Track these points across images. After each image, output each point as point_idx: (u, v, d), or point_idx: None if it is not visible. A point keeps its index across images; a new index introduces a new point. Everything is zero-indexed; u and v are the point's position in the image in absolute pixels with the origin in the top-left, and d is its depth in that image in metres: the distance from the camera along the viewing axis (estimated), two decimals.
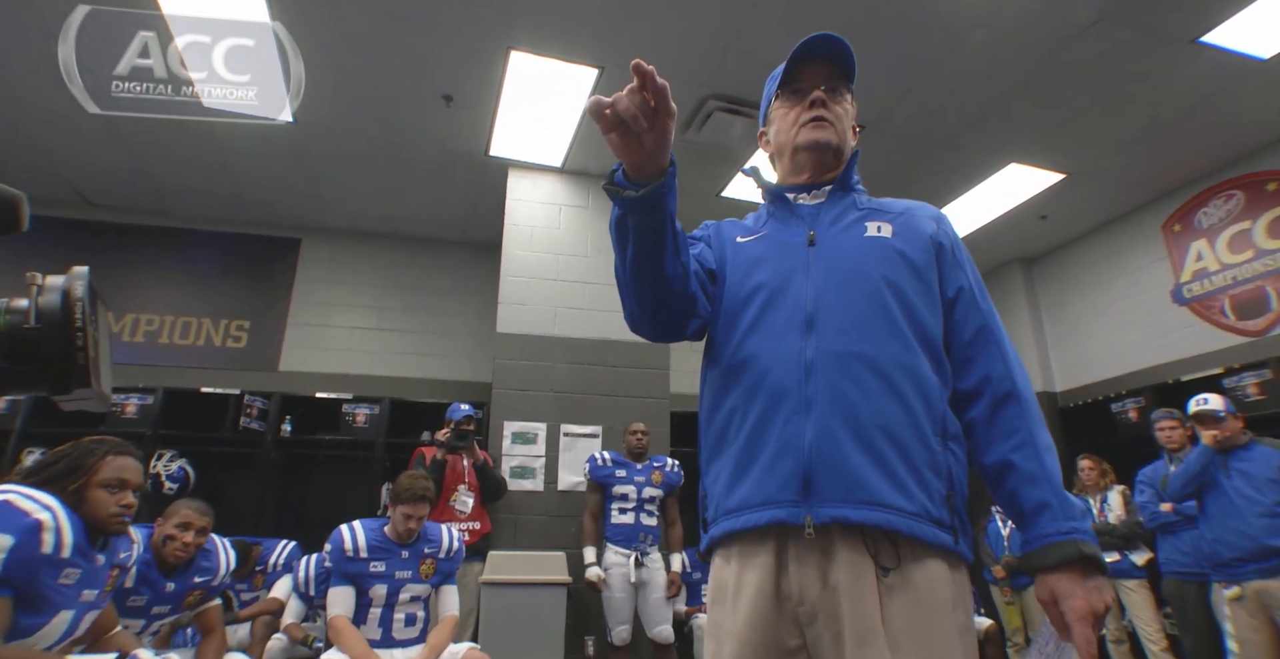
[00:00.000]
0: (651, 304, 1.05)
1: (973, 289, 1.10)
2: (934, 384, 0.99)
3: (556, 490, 4.30)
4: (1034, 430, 0.99)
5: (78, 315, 0.58)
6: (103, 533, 1.83)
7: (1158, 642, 3.84)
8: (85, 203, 5.28)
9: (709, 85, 3.96)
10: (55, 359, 0.56)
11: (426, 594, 2.76)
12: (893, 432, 0.94)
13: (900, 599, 0.89)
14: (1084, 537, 0.91)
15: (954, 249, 1.12)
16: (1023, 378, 1.03)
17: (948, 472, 0.96)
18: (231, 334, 5.35)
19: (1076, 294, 5.79)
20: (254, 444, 4.74)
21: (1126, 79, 3.85)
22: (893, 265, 1.05)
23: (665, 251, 0.99)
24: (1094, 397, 5.36)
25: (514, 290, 4.62)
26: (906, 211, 1.15)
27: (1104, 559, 0.91)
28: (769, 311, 1.06)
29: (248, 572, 3.71)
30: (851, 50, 1.18)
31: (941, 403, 1.00)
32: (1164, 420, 3.74)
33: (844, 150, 1.18)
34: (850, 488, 0.91)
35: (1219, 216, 4.75)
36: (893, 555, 0.91)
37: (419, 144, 4.57)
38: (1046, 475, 0.95)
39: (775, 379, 1.00)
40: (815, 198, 1.19)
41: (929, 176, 4.88)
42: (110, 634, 2.00)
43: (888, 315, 1.01)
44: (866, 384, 0.96)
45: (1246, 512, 2.89)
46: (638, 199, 0.93)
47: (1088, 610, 0.87)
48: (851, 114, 1.21)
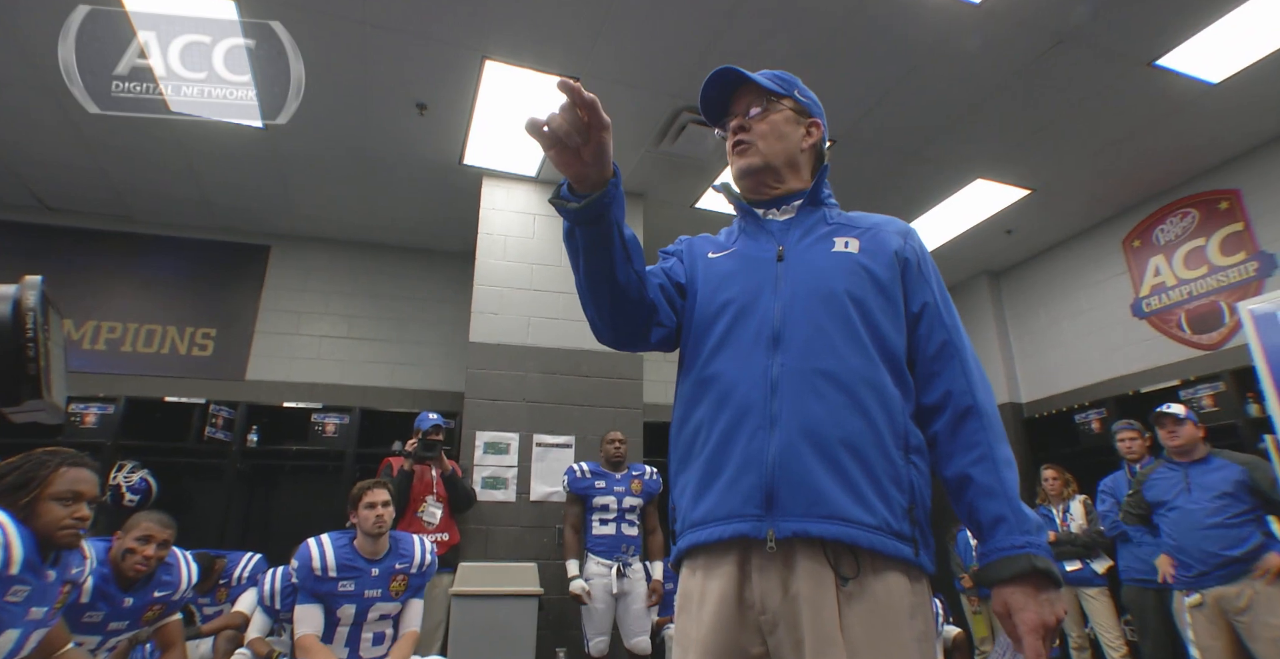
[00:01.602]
0: (609, 312, 1.08)
1: (937, 304, 1.10)
2: (896, 398, 1.01)
3: (529, 501, 4.27)
4: (993, 445, 1.00)
5: (29, 325, 0.56)
6: (54, 547, 1.78)
7: (1118, 648, 3.92)
8: (43, 207, 5.16)
9: (683, 97, 4.00)
10: (5, 370, 0.55)
11: (396, 612, 2.71)
12: (855, 445, 0.96)
13: (859, 608, 0.91)
14: (1038, 551, 0.92)
15: (920, 264, 1.13)
16: (985, 393, 1.04)
17: (910, 484, 0.98)
18: (197, 342, 5.24)
19: (1041, 307, 5.92)
20: (219, 455, 4.65)
21: (1087, 99, 3.97)
22: (858, 281, 1.07)
23: (615, 260, 1.02)
24: (1058, 407, 5.48)
25: (487, 300, 4.60)
26: (875, 227, 1.16)
27: (1058, 573, 0.92)
28: (737, 328, 1.08)
29: (211, 585, 3.63)
30: (753, 74, 1.20)
31: (904, 416, 1.01)
32: (1124, 431, 3.84)
33: (777, 166, 1.19)
34: (812, 502, 0.93)
35: (1175, 233, 4.91)
36: (853, 566, 0.92)
37: (392, 151, 4.55)
38: (1004, 489, 0.96)
39: (741, 395, 1.02)
40: (785, 213, 1.20)
41: (898, 191, 4.97)
42: (61, 652, 1.93)
43: (852, 331, 1.03)
44: (830, 399, 0.98)
45: (1205, 524, 2.96)
46: (580, 210, 0.96)
47: (1038, 623, 0.89)
48: (786, 126, 1.20)
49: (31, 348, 0.56)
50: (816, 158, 1.26)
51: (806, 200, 1.19)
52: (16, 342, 0.55)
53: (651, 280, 1.14)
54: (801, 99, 1.23)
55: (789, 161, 1.20)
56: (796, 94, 1.23)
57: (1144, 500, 3.27)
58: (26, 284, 0.58)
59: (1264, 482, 2.89)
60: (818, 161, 1.26)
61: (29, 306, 0.56)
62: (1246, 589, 2.83)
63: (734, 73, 1.20)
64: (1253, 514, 2.92)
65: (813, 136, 1.23)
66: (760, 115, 1.20)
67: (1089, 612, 4.08)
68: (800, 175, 1.22)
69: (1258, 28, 3.45)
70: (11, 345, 0.55)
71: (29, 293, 0.57)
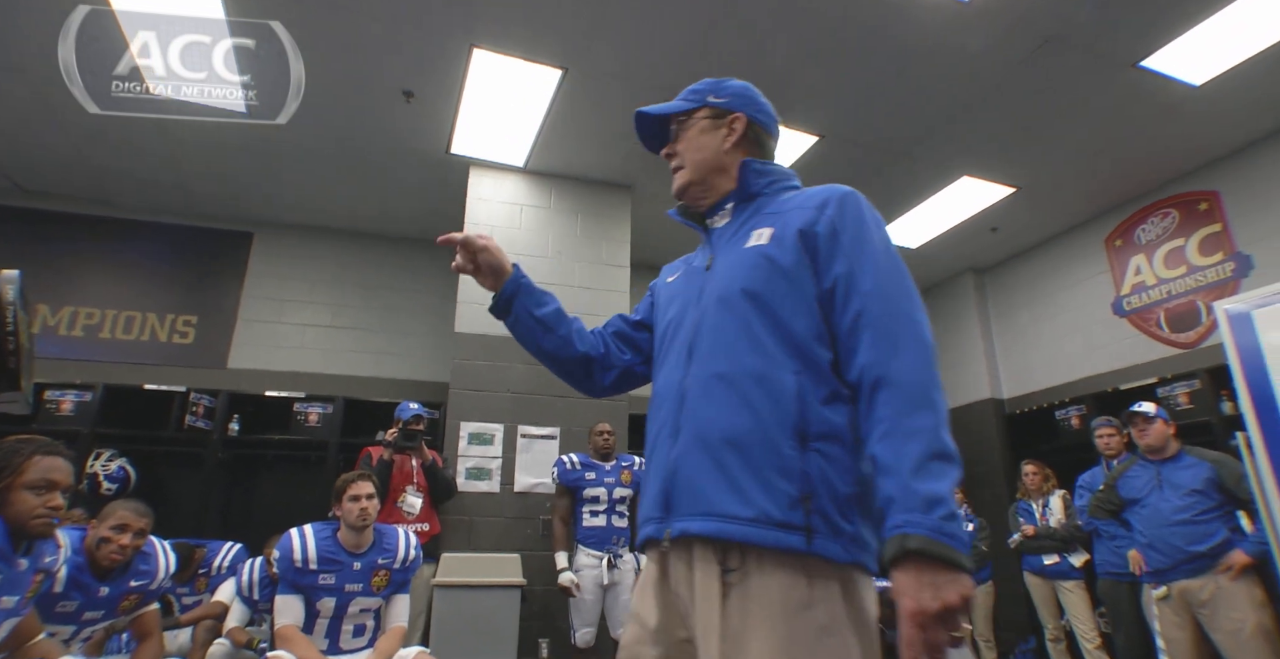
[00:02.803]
0: (555, 370, 1.30)
1: (853, 273, 1.01)
2: (789, 389, 0.98)
3: (513, 492, 4.27)
4: (899, 418, 0.90)
5: (9, 320, 0.56)
6: (27, 536, 1.76)
7: (1092, 640, 3.99)
8: (19, 190, 5.06)
9: (674, 90, 3.95)
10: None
11: (377, 606, 2.69)
12: (739, 443, 0.97)
13: (738, 600, 0.93)
14: (915, 530, 0.82)
15: (835, 233, 1.05)
16: (902, 360, 0.94)
17: (802, 474, 0.94)
18: (178, 329, 5.18)
19: (1024, 304, 5.98)
20: (200, 443, 4.61)
21: (1073, 99, 4.00)
22: (758, 274, 1.07)
23: (536, 335, 1.24)
24: (1039, 404, 5.54)
25: (473, 290, 4.57)
26: (794, 208, 1.12)
27: (946, 552, 0.81)
28: (672, 344, 1.15)
29: (190, 575, 3.60)
30: (658, 107, 1.27)
31: (803, 405, 0.97)
32: (1103, 428, 3.89)
33: (703, 176, 1.22)
34: (695, 501, 0.98)
35: (1156, 233, 4.97)
36: (738, 559, 0.94)
37: (378, 139, 4.50)
38: (899, 466, 0.87)
39: (664, 409, 1.10)
40: (723, 218, 1.23)
41: (885, 188, 4.99)
42: (33, 642, 1.91)
43: (747, 330, 1.04)
44: (720, 401, 1.01)
45: (1173, 520, 3.01)
46: (491, 308, 1.26)
47: (913, 609, 0.81)
48: (703, 136, 1.23)
49: (11, 342, 0.56)
50: (754, 150, 1.24)
51: (734, 198, 1.21)
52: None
53: (597, 332, 1.32)
54: (716, 101, 1.24)
55: (714, 168, 1.22)
56: (710, 99, 1.24)
57: (1117, 496, 3.32)
58: (4, 278, 0.58)
59: (1231, 479, 2.95)
60: (758, 152, 1.24)
61: (9, 301, 0.56)
62: (1210, 583, 2.89)
63: (642, 114, 1.27)
64: (1220, 511, 2.97)
65: (735, 132, 1.22)
66: (678, 134, 1.26)
67: (1065, 604, 4.15)
68: (731, 176, 1.22)
69: (1241, 30, 3.48)
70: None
71: (7, 287, 0.56)
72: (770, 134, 1.26)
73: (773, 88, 4.53)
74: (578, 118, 4.24)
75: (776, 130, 1.28)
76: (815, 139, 4.38)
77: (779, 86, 3.88)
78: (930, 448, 0.87)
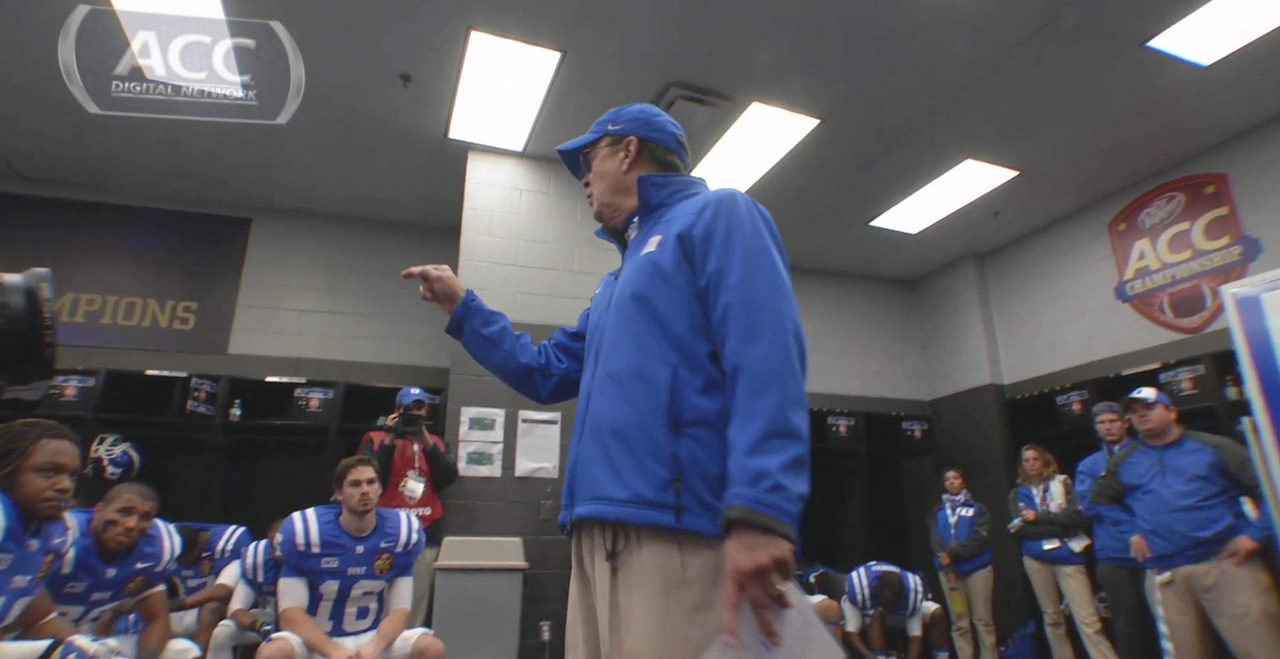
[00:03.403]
0: (505, 380, 1.44)
1: (720, 271, 1.08)
2: (664, 381, 1.06)
3: (514, 477, 4.29)
4: (747, 401, 0.97)
5: (46, 316, 0.61)
6: (35, 518, 1.78)
7: (1091, 625, 4.01)
8: (18, 177, 5.04)
9: (672, 73, 3.95)
10: (23, 354, 0.60)
11: (380, 589, 2.71)
12: (621, 433, 1.06)
13: (623, 577, 1.01)
14: (738, 501, 0.90)
15: (710, 235, 1.12)
16: (757, 348, 1.00)
17: (674, 457, 1.01)
18: (178, 315, 5.18)
19: (1026, 289, 5.96)
20: (201, 428, 4.62)
21: (1078, 79, 3.96)
22: (644, 279, 1.16)
23: (485, 350, 1.41)
24: (1040, 389, 5.54)
25: (473, 275, 4.56)
26: (681, 214, 1.20)
27: (761, 519, 0.88)
28: (588, 350, 1.28)
29: (194, 558, 3.63)
30: (566, 144, 1.41)
31: (676, 395, 1.05)
32: (1104, 413, 3.89)
33: (610, 199, 1.34)
34: (587, 488, 1.08)
35: (1160, 217, 4.94)
36: (622, 539, 1.03)
37: (375, 124, 4.47)
38: (739, 445, 0.94)
39: (578, 409, 1.21)
40: (633, 231, 1.34)
41: (887, 172, 4.96)
42: (44, 621, 1.93)
43: (633, 331, 1.13)
44: (610, 396, 1.11)
45: (1177, 506, 3.01)
46: (447, 327, 1.43)
47: (731, 569, 0.88)
48: (605, 163, 1.35)
49: (50, 335, 0.61)
50: (654, 167, 1.34)
51: (639, 212, 1.31)
52: (34, 329, 0.60)
53: (543, 345, 1.45)
54: (614, 128, 1.35)
55: (617, 189, 1.33)
56: (609, 127, 1.36)
57: (1118, 482, 3.31)
58: (39, 276, 0.62)
59: (1234, 463, 2.94)
60: (658, 168, 1.34)
61: (45, 297, 0.61)
62: (1214, 569, 2.89)
63: (561, 151, 1.43)
64: (1224, 496, 2.96)
65: (630, 154, 1.33)
66: (588, 163, 1.39)
67: (1065, 589, 4.17)
68: (633, 193, 1.32)
69: (1251, 9, 3.44)
70: (30, 333, 0.59)
71: (43, 285, 0.61)
72: (668, 148, 1.35)
73: (771, 69, 4.48)
74: (577, 101, 4.21)
75: (675, 144, 1.37)
76: (816, 122, 4.34)
77: (778, 68, 3.84)
78: (768, 427, 0.93)
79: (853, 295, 6.81)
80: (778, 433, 0.93)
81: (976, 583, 4.68)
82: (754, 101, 4.15)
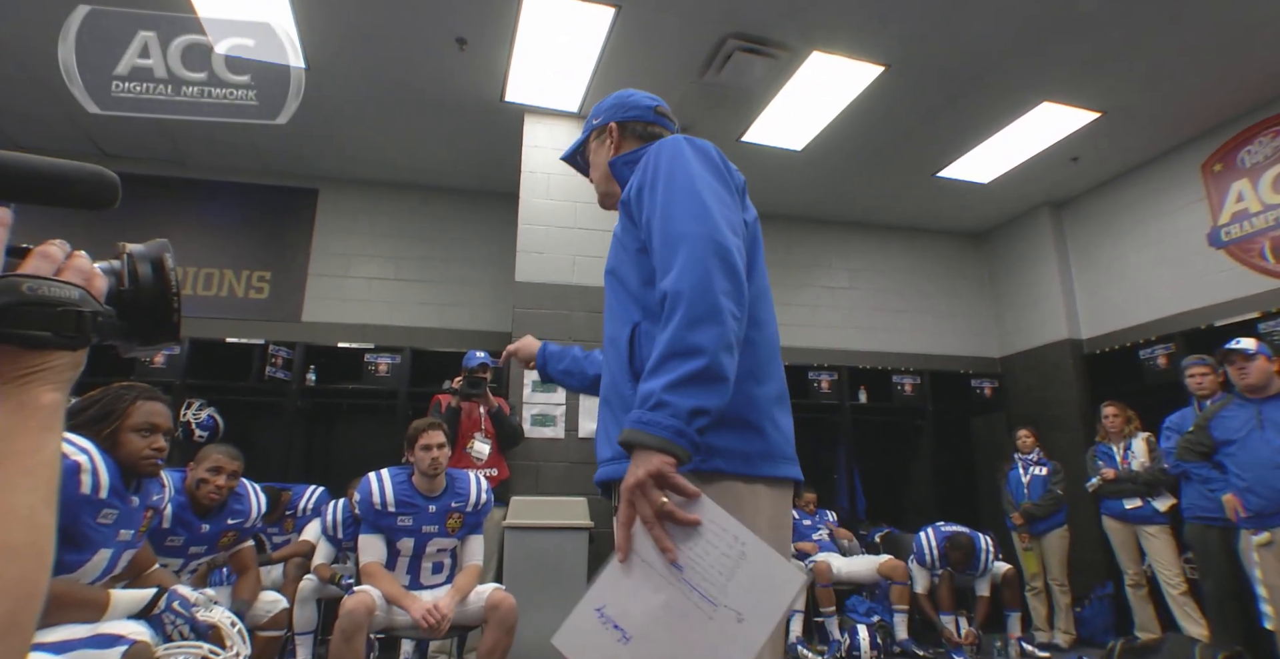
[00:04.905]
0: (593, 394, 1.48)
1: (649, 218, 1.09)
2: (626, 339, 1.11)
3: (577, 438, 4.35)
4: (662, 330, 0.96)
5: (173, 283, 0.65)
6: (136, 475, 1.89)
7: (1177, 586, 3.86)
8: (102, 154, 5.27)
9: (729, 23, 3.80)
10: (153, 319, 0.64)
11: (453, 546, 2.82)
12: (606, 398, 1.17)
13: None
14: (626, 424, 0.92)
15: (640, 191, 1.13)
16: (670, 278, 0.98)
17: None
18: (253, 285, 5.39)
19: (1107, 239, 5.63)
20: (280, 393, 4.83)
21: (1166, 6, 3.64)
22: (612, 253, 1.23)
23: (568, 382, 1.62)
24: (1121, 343, 5.27)
25: (532, 239, 4.58)
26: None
27: (638, 438, 0.89)
28: None
29: (278, 516, 3.82)
30: (569, 152, 1.50)
31: (636, 348, 1.10)
32: (1195, 366, 3.68)
33: (605, 188, 1.39)
34: (597, 455, 1.18)
35: (1264, 155, 4.55)
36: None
37: (433, 89, 4.48)
38: (646, 372, 0.95)
39: None
40: None
41: (956, 119, 4.71)
42: (149, 571, 2.07)
43: (609, 304, 1.21)
44: (603, 369, 1.21)
45: (1276, 461, 2.85)
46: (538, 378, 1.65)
47: (621, 488, 0.92)
48: (596, 156, 1.41)
49: (177, 301, 0.65)
50: (635, 145, 1.35)
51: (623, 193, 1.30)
52: (165, 295, 0.64)
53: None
54: (596, 122, 1.40)
55: (607, 176, 1.37)
56: (593, 122, 1.41)
57: (1209, 437, 3.15)
58: (162, 245, 0.67)
59: None
60: (639, 144, 1.35)
61: (171, 266, 0.65)
62: None
63: (565, 160, 1.53)
64: None
65: (612, 140, 1.37)
66: (587, 161, 1.47)
67: (1148, 549, 4.02)
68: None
69: None
70: (161, 298, 0.64)
71: (167, 254, 0.66)
72: (647, 121, 1.37)
73: (834, 15, 4.26)
74: (632, 57, 4.11)
75: (654, 115, 1.38)
76: (881, 69, 4.13)
77: (838, 11, 3.65)
78: (664, 349, 0.94)
79: (918, 250, 6.57)
80: (673, 353, 0.93)
81: (1051, 543, 4.56)
82: (814, 51, 3.97)
